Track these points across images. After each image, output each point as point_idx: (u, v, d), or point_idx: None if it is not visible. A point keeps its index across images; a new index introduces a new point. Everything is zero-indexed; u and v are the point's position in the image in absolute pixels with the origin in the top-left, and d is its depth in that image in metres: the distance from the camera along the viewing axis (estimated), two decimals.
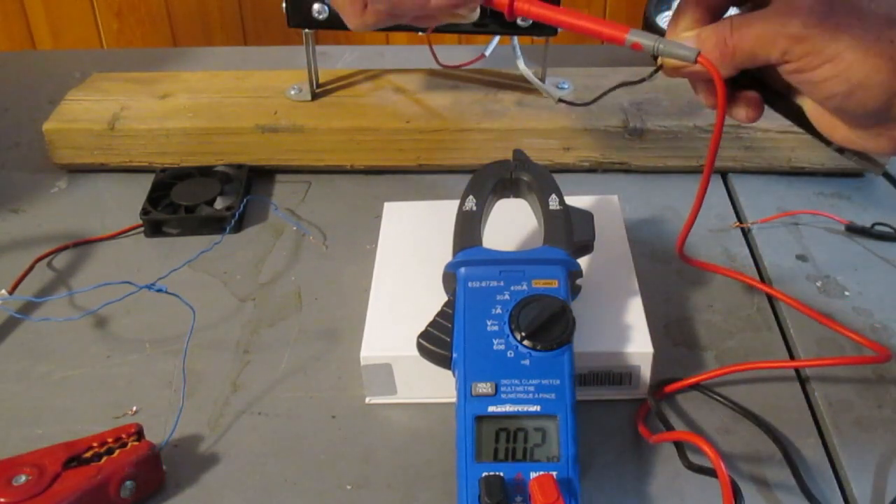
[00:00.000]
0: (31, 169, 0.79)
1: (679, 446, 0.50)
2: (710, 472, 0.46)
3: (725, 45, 0.43)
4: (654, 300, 0.61)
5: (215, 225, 0.70)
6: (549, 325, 0.48)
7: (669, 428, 0.51)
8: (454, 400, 0.47)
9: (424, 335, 0.50)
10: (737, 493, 0.45)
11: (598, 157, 0.74)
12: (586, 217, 0.56)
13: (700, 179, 0.48)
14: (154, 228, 0.70)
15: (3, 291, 0.63)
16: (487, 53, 0.79)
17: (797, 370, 0.56)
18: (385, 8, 0.47)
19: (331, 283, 0.65)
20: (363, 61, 0.89)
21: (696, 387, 0.55)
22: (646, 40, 0.43)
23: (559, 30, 0.72)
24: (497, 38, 0.79)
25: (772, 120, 0.72)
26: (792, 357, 0.57)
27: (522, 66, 0.75)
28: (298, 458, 0.52)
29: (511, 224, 0.60)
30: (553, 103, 0.75)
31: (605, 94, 0.71)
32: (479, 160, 0.73)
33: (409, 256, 0.60)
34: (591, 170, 0.75)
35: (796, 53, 0.41)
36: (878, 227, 0.67)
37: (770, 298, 0.62)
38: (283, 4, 0.72)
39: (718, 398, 0.54)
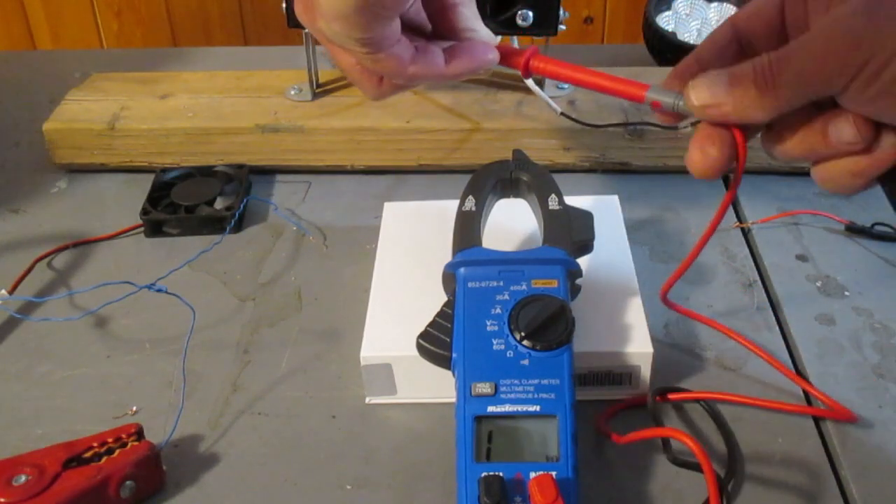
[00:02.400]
0: (31, 169, 0.79)
1: (665, 442, 0.50)
2: (697, 468, 0.46)
3: (767, 82, 0.37)
4: (654, 300, 0.61)
5: (215, 225, 0.70)
6: (548, 325, 0.48)
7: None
8: (454, 400, 0.47)
9: (424, 335, 0.50)
10: (722, 487, 0.45)
11: (598, 157, 0.74)
12: (586, 217, 0.56)
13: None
14: (154, 228, 0.70)
15: (3, 291, 0.63)
16: None
17: (797, 369, 0.56)
18: (402, 82, 0.47)
19: (331, 283, 0.65)
20: None
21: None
22: (666, 98, 0.41)
23: (560, 29, 0.72)
24: (498, 39, 0.79)
25: None
26: (792, 357, 0.57)
27: None
28: (298, 458, 0.52)
29: (511, 224, 0.60)
30: (553, 102, 0.75)
31: (608, 125, 0.71)
32: (479, 160, 0.73)
33: (409, 256, 0.60)
34: (591, 170, 0.75)
35: (856, 62, 0.35)
36: (878, 227, 0.67)
37: (770, 297, 0.62)
38: (283, 4, 0.72)
39: (716, 401, 0.54)
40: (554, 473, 0.44)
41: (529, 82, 0.74)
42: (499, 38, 0.78)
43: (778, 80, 0.37)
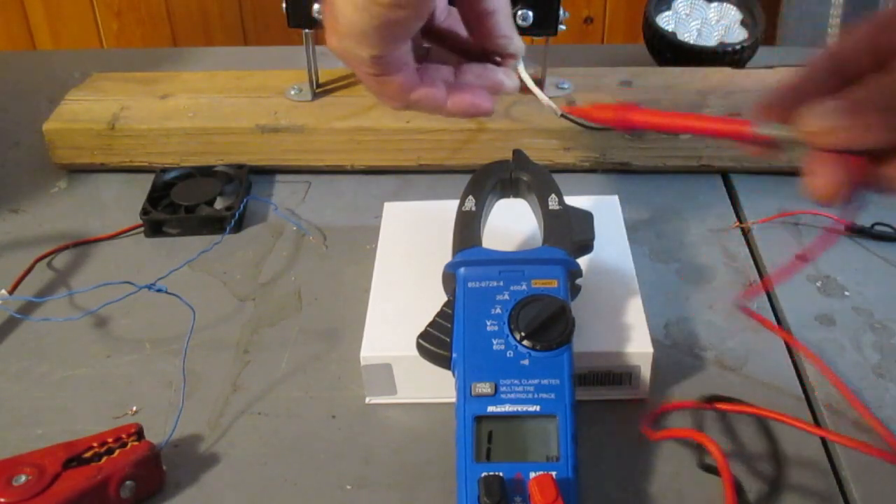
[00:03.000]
0: (31, 169, 0.79)
1: (690, 446, 0.50)
2: (717, 472, 0.46)
3: (888, 105, 0.36)
4: (654, 300, 0.61)
5: (215, 225, 0.70)
6: (548, 324, 0.48)
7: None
8: (454, 400, 0.47)
9: (424, 336, 0.50)
10: (740, 492, 0.45)
11: (598, 157, 0.74)
12: (586, 217, 0.56)
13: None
14: (154, 228, 0.70)
15: (3, 291, 0.63)
16: None
17: (797, 369, 0.57)
18: (401, 106, 0.49)
19: (331, 283, 0.65)
20: None
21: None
22: (775, 131, 0.39)
23: (560, 29, 0.72)
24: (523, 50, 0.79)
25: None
26: (792, 357, 0.57)
27: (524, 74, 0.75)
28: (298, 458, 0.52)
29: (510, 224, 0.60)
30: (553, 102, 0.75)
31: (604, 128, 0.71)
32: (480, 160, 0.73)
33: (409, 256, 0.60)
34: (591, 170, 0.75)
35: None
36: (878, 227, 0.67)
37: (770, 297, 0.62)
38: (283, 4, 0.72)
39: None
40: (554, 473, 0.44)
41: (529, 84, 0.74)
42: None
43: None
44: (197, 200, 0.71)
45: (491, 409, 0.46)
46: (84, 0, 1.30)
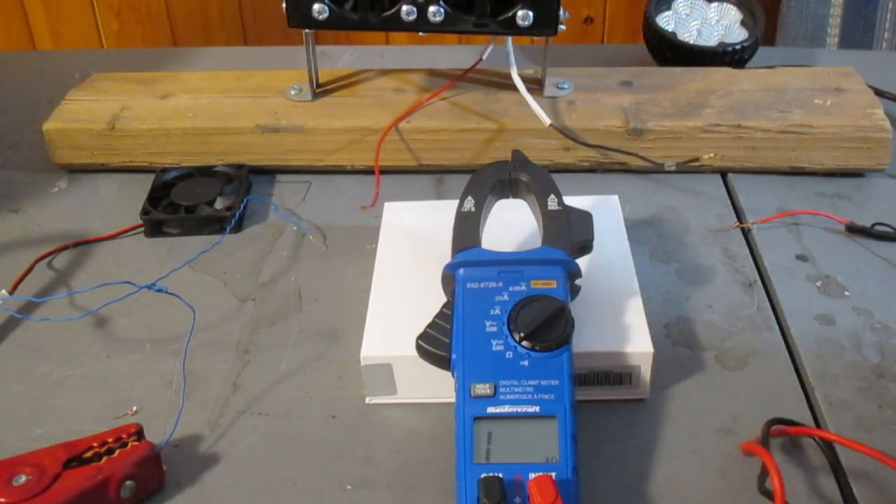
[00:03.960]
0: (31, 169, 0.79)
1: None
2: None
3: None
4: (654, 300, 0.61)
5: (215, 225, 0.70)
6: (547, 325, 0.48)
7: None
8: (454, 400, 0.47)
9: (423, 337, 0.50)
10: None
11: (598, 157, 0.74)
12: (585, 217, 0.56)
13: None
14: (154, 228, 0.70)
15: (3, 291, 0.63)
16: (484, 57, 0.79)
17: (797, 369, 0.57)
18: None
19: (331, 283, 0.65)
20: (363, 61, 0.89)
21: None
22: None
23: (560, 29, 0.72)
24: (491, 47, 0.79)
25: (772, 120, 0.72)
26: (792, 357, 0.57)
27: (517, 79, 0.75)
28: (298, 458, 0.52)
29: (510, 225, 0.60)
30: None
31: (598, 146, 0.71)
32: (479, 160, 0.73)
33: (409, 256, 0.60)
34: (591, 170, 0.75)
35: None
36: (878, 227, 0.67)
37: (770, 297, 0.62)
38: (283, 4, 0.72)
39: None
40: (553, 474, 0.44)
41: (522, 90, 0.74)
42: (491, 46, 0.77)
43: None
44: (197, 200, 0.71)
45: (490, 409, 0.46)
46: (84, 0, 1.30)
